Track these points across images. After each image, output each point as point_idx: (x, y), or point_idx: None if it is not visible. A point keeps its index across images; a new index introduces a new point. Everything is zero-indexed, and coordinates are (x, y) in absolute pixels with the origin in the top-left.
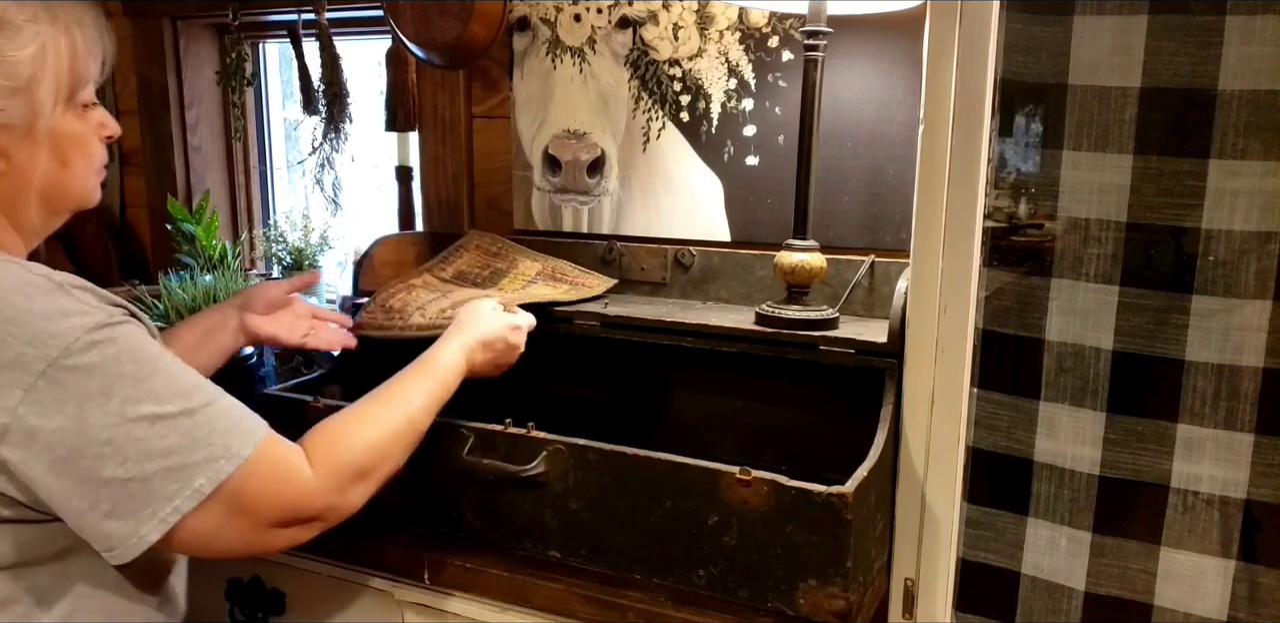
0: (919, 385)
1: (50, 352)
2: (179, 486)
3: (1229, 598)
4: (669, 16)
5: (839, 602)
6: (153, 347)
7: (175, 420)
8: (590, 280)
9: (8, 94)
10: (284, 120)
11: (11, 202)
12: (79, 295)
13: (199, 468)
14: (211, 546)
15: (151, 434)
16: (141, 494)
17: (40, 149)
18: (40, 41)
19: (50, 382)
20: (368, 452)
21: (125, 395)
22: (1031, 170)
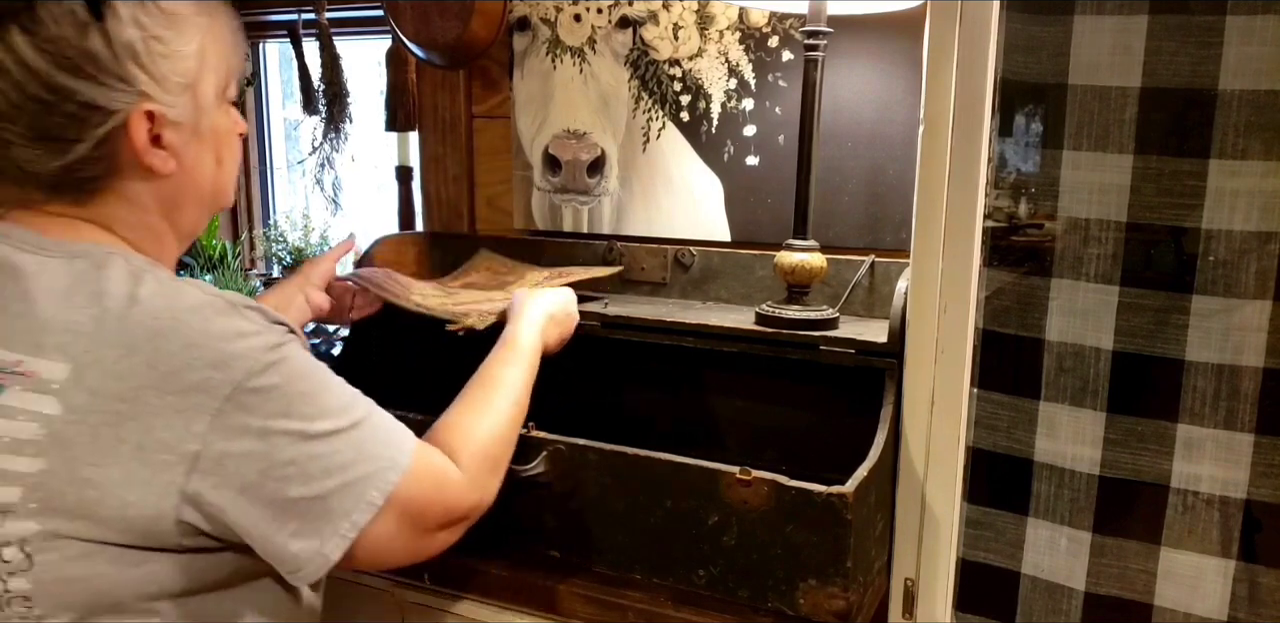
0: (919, 385)
1: (235, 375)
2: (354, 500)
3: (1229, 598)
4: (669, 16)
5: (839, 602)
6: (315, 362)
7: (346, 434)
8: (596, 271)
9: (179, 90)
10: (284, 120)
11: (178, 204)
12: (250, 315)
13: (370, 480)
14: (382, 558)
15: (329, 450)
16: (322, 512)
17: (205, 148)
18: (202, 35)
19: (235, 406)
20: (495, 442)
21: (304, 413)
22: (1031, 170)
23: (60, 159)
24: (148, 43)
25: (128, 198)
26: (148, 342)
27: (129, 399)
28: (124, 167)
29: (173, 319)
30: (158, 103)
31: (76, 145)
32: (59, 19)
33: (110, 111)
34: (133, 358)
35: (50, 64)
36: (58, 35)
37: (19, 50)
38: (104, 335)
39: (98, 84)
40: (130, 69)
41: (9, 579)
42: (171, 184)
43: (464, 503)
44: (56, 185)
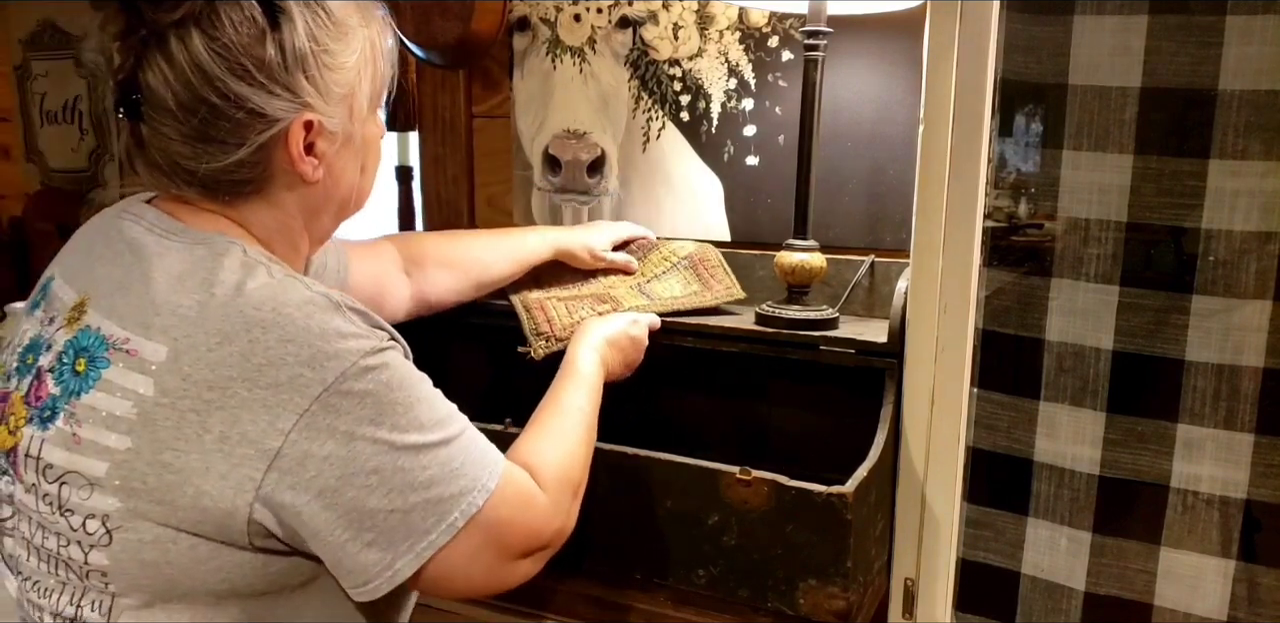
0: (919, 385)
1: (327, 376)
2: (436, 519)
3: (1229, 598)
4: (669, 16)
5: (839, 602)
6: (415, 373)
7: (435, 451)
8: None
9: (337, 101)
10: None
11: (319, 210)
12: (353, 317)
13: (454, 501)
14: (456, 582)
15: (415, 465)
16: (401, 527)
17: (353, 156)
18: (363, 46)
19: (324, 407)
20: (575, 466)
21: (394, 424)
22: (1031, 170)
23: (217, 161)
24: (318, 55)
25: (272, 202)
26: (245, 332)
27: (218, 388)
28: (276, 173)
29: (274, 311)
30: (318, 113)
31: (236, 149)
32: (238, 25)
33: (274, 120)
34: (228, 347)
35: (224, 68)
36: (235, 41)
37: (196, 52)
38: (205, 322)
39: (266, 92)
40: (299, 79)
41: (89, 552)
42: (317, 191)
43: (549, 528)
44: (208, 184)
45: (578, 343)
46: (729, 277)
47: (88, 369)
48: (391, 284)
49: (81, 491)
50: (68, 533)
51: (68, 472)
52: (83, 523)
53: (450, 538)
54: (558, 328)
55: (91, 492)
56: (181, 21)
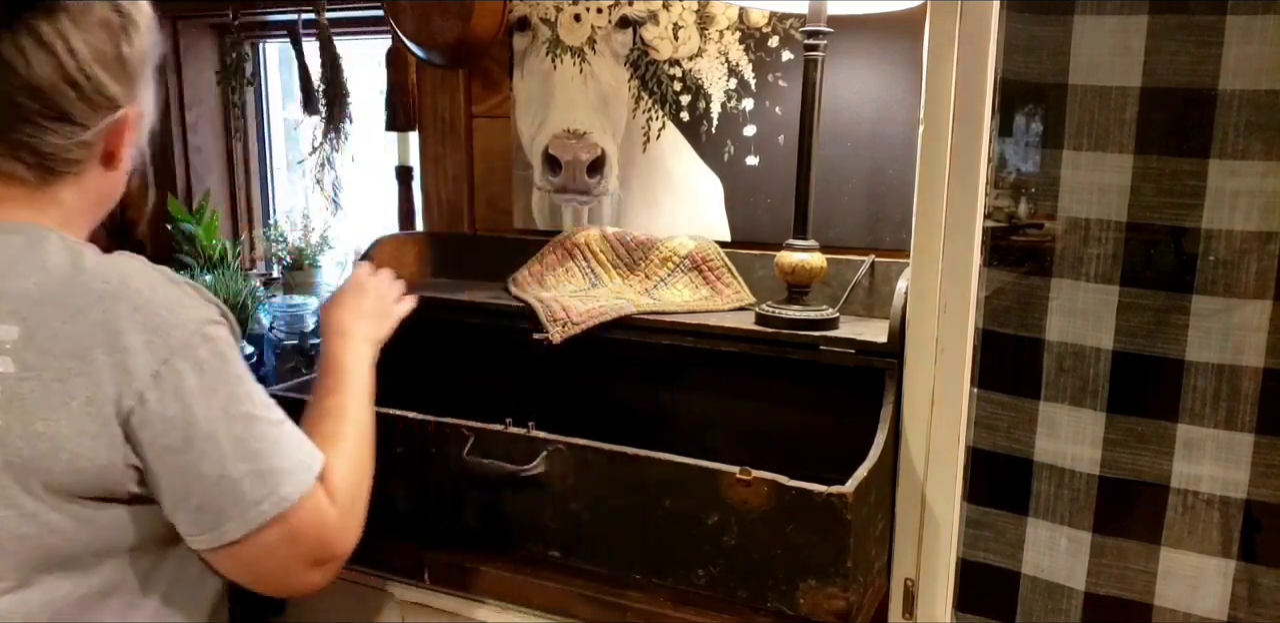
0: (919, 385)
1: (172, 342)
2: (267, 490)
3: (1229, 598)
4: (669, 16)
5: (839, 602)
6: (239, 353)
7: (269, 427)
8: (727, 290)
9: (147, 98)
10: (284, 120)
11: (107, 199)
12: (189, 290)
13: (286, 476)
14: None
15: (249, 435)
16: (231, 494)
17: (133, 149)
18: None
19: (170, 370)
20: (362, 477)
21: (230, 393)
22: (1031, 170)
23: (64, 138)
24: (148, 55)
25: (83, 185)
26: (97, 303)
27: (79, 357)
28: (98, 156)
29: (121, 285)
30: (140, 106)
31: (83, 131)
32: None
33: (118, 107)
34: (83, 319)
35: (90, 54)
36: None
37: (68, 36)
38: (51, 299)
39: (117, 81)
40: (139, 76)
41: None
42: (110, 181)
43: (343, 540)
44: (42, 160)
45: (328, 334)
46: (736, 280)
47: None
48: None
49: None
50: None
51: None
52: None
53: (277, 513)
54: (574, 314)
55: None
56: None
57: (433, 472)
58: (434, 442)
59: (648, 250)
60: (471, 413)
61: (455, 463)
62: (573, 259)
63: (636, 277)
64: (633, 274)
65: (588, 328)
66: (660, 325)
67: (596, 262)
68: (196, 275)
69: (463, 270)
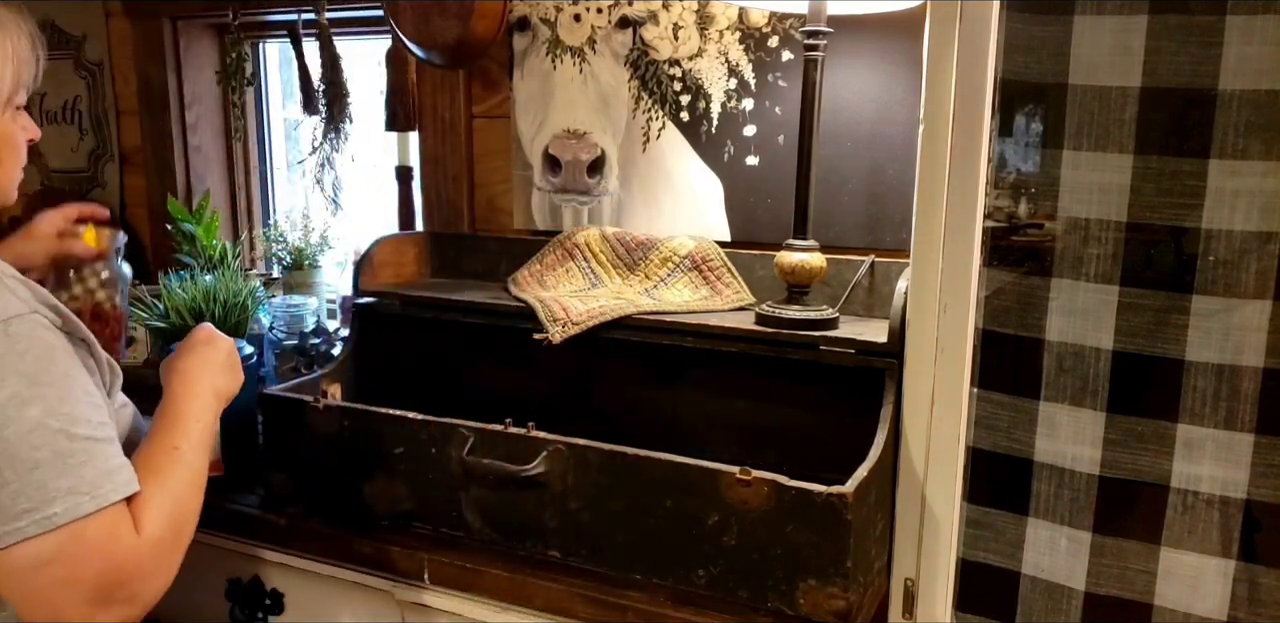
0: (919, 385)
1: None
2: (29, 506)
3: (1229, 598)
4: (669, 16)
5: (839, 602)
6: (65, 364)
7: (53, 436)
8: (727, 290)
9: None
10: (284, 120)
11: None
12: (10, 284)
13: (63, 495)
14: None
15: (24, 441)
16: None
17: None
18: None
19: None
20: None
21: (15, 392)
22: (1031, 170)
23: None
24: None
25: None
26: None
27: None
28: None
29: None
30: None
31: None
32: None
33: None
34: None
35: None
36: None
37: None
38: None
39: None
40: None
41: None
42: None
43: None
44: None
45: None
46: (736, 280)
47: None
48: None
49: None
50: None
51: None
52: None
53: (40, 532)
54: (574, 314)
55: None
56: None
57: (433, 472)
58: (434, 442)
59: (648, 250)
60: (471, 413)
61: (455, 463)
62: (573, 259)
63: (636, 277)
64: (633, 274)
65: (588, 328)
66: (660, 325)
67: (596, 262)
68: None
69: (463, 270)
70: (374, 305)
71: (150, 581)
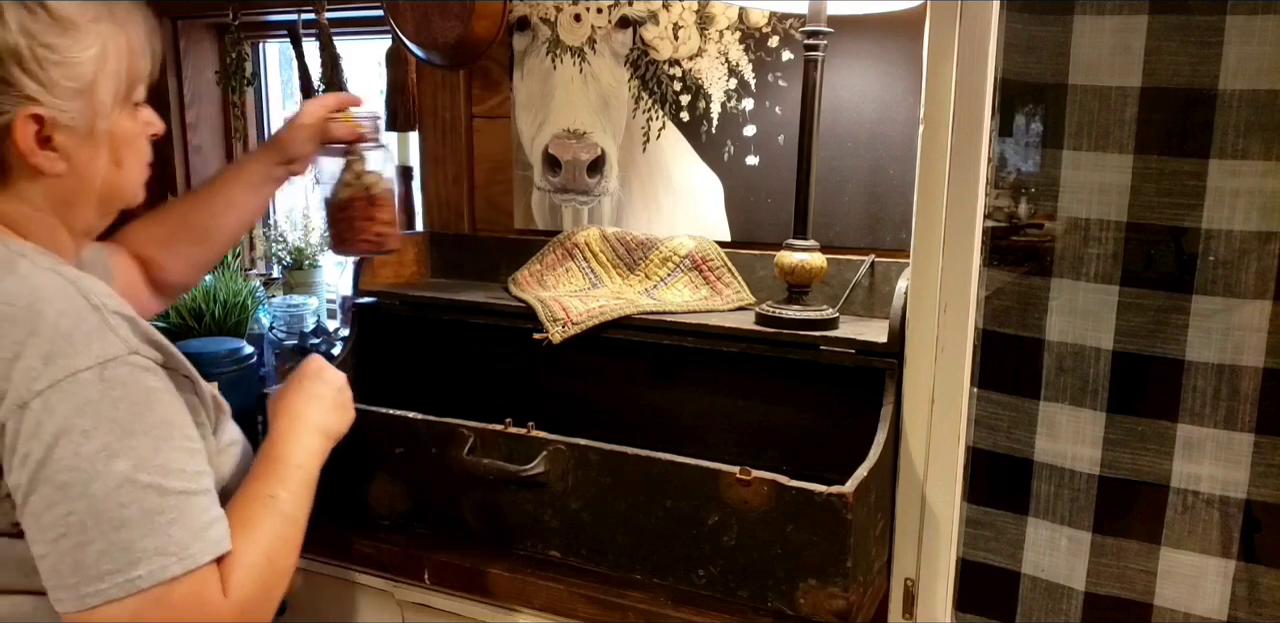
0: (919, 385)
1: (57, 373)
2: (114, 567)
3: (1229, 598)
4: (669, 16)
5: (839, 602)
6: (164, 408)
7: (142, 492)
8: (727, 290)
9: (71, 95)
10: (284, 120)
11: (69, 203)
12: (112, 322)
13: (149, 556)
14: None
15: (112, 497)
16: (70, 559)
17: (100, 150)
18: (102, 42)
19: (44, 403)
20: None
21: (105, 444)
22: (1031, 170)
23: None
24: (34, 49)
25: (17, 194)
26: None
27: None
28: (12, 165)
29: (26, 307)
30: (46, 107)
31: None
32: None
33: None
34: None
35: None
36: None
37: None
38: None
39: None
40: (14, 73)
41: None
42: (62, 184)
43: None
44: None
45: (272, 419)
46: (736, 280)
47: None
48: (134, 282)
49: None
50: None
51: None
52: None
53: (124, 595)
54: (574, 314)
55: None
56: None
57: (433, 472)
58: (434, 442)
59: (647, 250)
60: (471, 413)
61: (455, 463)
62: (573, 259)
63: (636, 277)
64: (632, 274)
65: (588, 328)
66: (660, 325)
67: (596, 262)
68: None
69: (463, 270)
70: (374, 305)
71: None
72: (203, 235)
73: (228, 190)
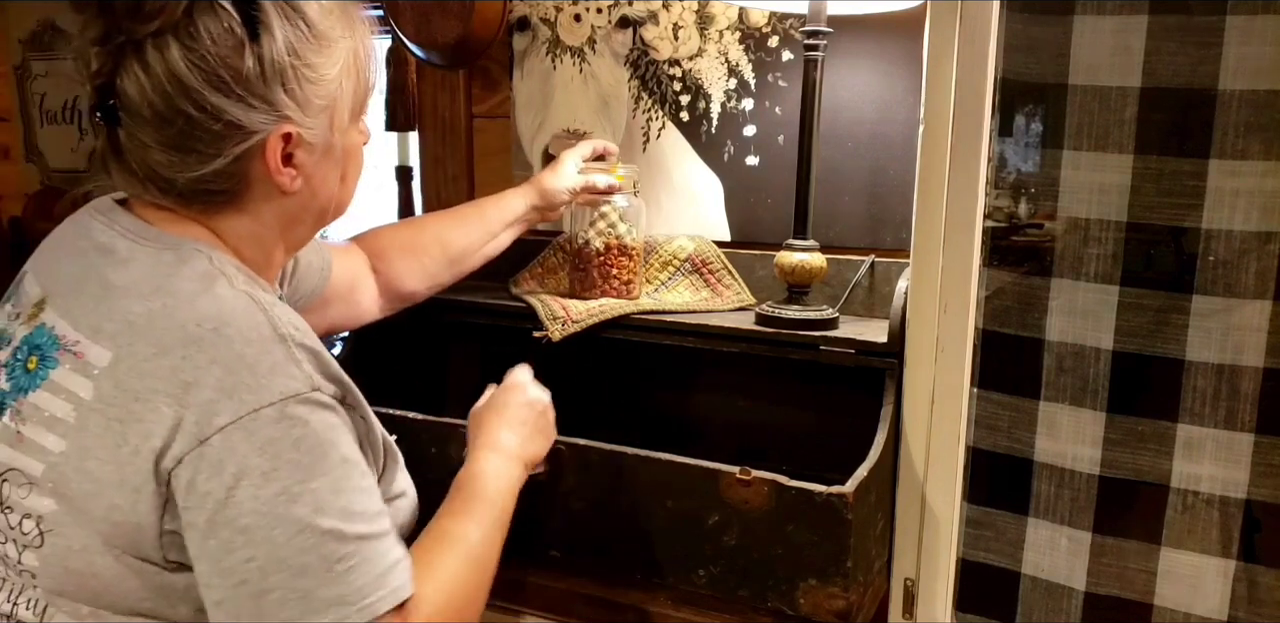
0: (919, 385)
1: (241, 409)
2: (291, 617)
3: (1229, 598)
4: (669, 16)
5: (839, 602)
6: (345, 447)
7: (321, 539)
8: (727, 292)
9: (318, 112)
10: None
11: (297, 219)
12: (297, 355)
13: (325, 606)
14: None
15: (292, 544)
16: (250, 604)
17: (333, 166)
18: (345, 57)
19: (224, 440)
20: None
21: (285, 487)
22: (1031, 170)
23: (195, 171)
24: (297, 68)
25: (250, 212)
26: (180, 347)
27: (143, 400)
28: (253, 183)
29: (213, 331)
30: (297, 125)
31: (213, 159)
32: (216, 36)
33: (251, 132)
34: (161, 360)
35: (201, 80)
36: (213, 52)
37: (174, 64)
38: (148, 332)
39: (244, 104)
40: (277, 92)
41: (23, 552)
42: (295, 201)
43: None
44: (184, 193)
45: (472, 446)
46: (736, 281)
47: (38, 367)
48: (362, 283)
49: (21, 489)
50: (5, 531)
51: (10, 469)
52: (20, 522)
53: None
54: (574, 313)
55: (30, 491)
56: (158, 32)
57: (433, 472)
58: (434, 442)
59: (648, 254)
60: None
61: (455, 463)
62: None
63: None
64: None
65: (587, 326)
66: (660, 326)
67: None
68: None
69: None
70: None
71: None
72: (452, 257)
73: (487, 221)
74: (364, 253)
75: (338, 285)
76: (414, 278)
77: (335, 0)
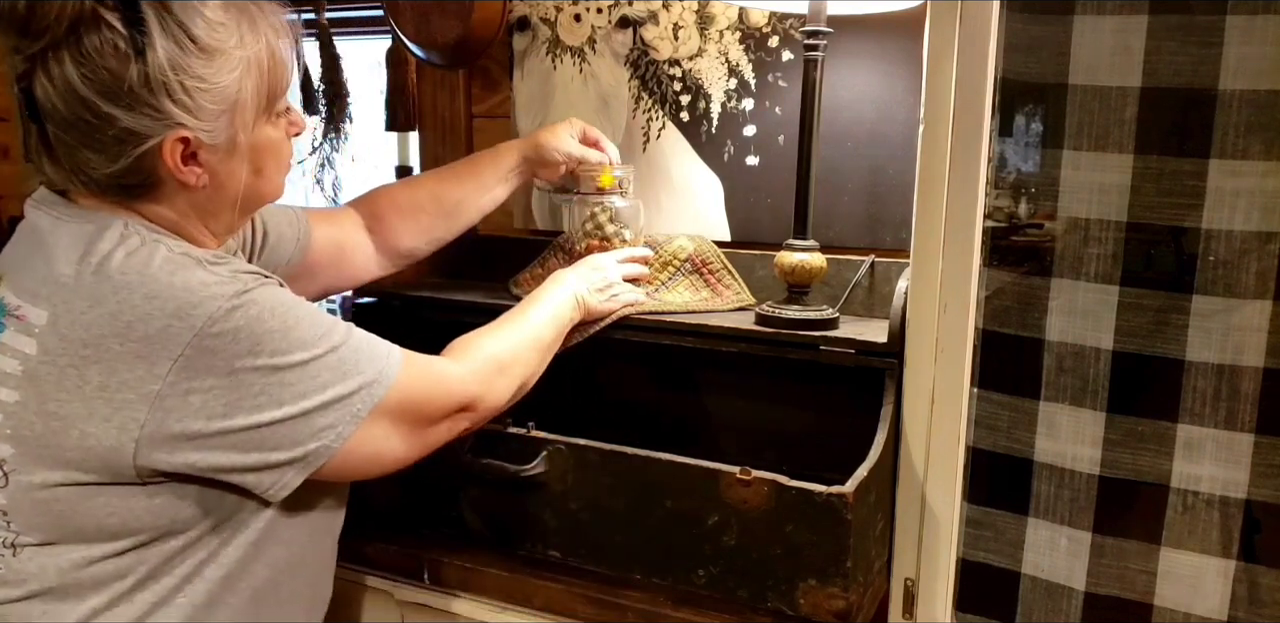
0: (919, 385)
1: (196, 323)
2: (340, 414)
3: (1229, 598)
4: (669, 16)
5: (839, 602)
6: (289, 299)
7: (323, 360)
8: (727, 292)
9: (214, 116)
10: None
11: (211, 210)
12: (216, 269)
13: (355, 396)
14: (382, 460)
15: (304, 377)
16: (303, 426)
17: (241, 163)
18: (245, 62)
19: (199, 350)
20: (502, 349)
21: (274, 349)
22: (1031, 170)
23: (107, 168)
24: (183, 80)
25: (165, 203)
26: (112, 295)
27: (92, 345)
28: (163, 179)
29: (138, 274)
30: (191, 130)
31: (119, 159)
32: (104, 52)
33: (145, 137)
34: (98, 309)
35: (94, 91)
36: (102, 65)
37: (69, 75)
38: (79, 288)
39: (135, 112)
40: (164, 102)
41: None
42: (205, 194)
43: (463, 392)
44: (105, 186)
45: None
46: (736, 281)
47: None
48: (353, 245)
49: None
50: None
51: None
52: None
53: (356, 427)
54: None
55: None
56: (53, 46)
57: (433, 472)
58: None
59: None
60: None
61: (455, 463)
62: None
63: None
64: None
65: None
66: (660, 326)
67: None
68: None
69: (462, 271)
70: (374, 305)
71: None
72: (450, 211)
73: (480, 175)
74: (359, 215)
75: (320, 254)
76: (410, 236)
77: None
